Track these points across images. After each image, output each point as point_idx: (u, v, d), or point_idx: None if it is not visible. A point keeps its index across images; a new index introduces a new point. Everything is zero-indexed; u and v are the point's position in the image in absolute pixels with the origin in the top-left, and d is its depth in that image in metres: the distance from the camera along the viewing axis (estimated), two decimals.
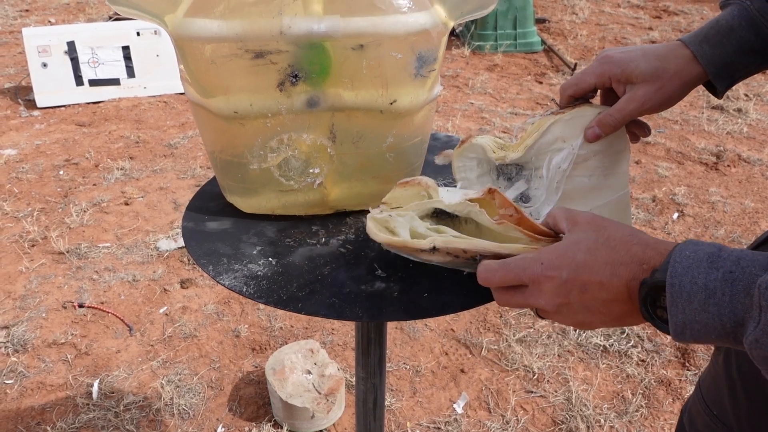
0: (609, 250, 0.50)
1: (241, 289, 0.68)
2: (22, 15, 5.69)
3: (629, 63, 0.66)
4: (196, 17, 0.69)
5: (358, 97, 0.74)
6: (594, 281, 0.49)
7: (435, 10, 0.74)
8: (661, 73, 0.65)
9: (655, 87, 0.65)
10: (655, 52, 0.66)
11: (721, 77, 0.66)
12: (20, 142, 3.24)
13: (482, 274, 0.55)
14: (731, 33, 0.63)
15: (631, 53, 0.67)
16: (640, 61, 0.66)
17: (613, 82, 0.69)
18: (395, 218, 0.63)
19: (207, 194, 0.89)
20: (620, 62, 0.67)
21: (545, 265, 0.51)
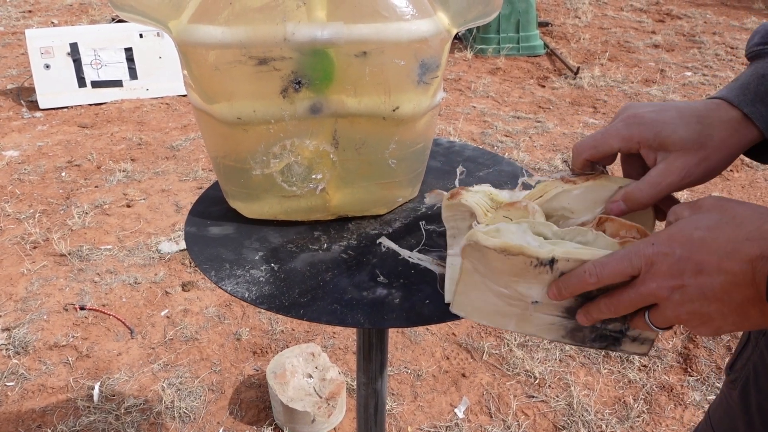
0: (734, 227, 0.43)
1: (243, 294, 0.68)
2: (25, 16, 5.70)
3: (664, 126, 0.54)
4: (200, 23, 0.69)
5: (361, 103, 0.74)
6: (710, 261, 0.43)
7: (438, 17, 0.74)
8: (706, 140, 0.53)
9: (697, 158, 0.54)
10: (695, 112, 0.55)
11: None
12: (22, 144, 3.24)
13: (592, 270, 0.48)
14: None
15: (665, 113, 0.55)
16: (677, 125, 0.54)
17: (642, 148, 0.56)
18: (508, 227, 0.53)
19: (209, 199, 0.89)
20: (653, 125, 0.55)
21: (657, 244, 0.45)
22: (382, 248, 0.77)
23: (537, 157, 3.14)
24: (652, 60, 4.69)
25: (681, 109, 0.55)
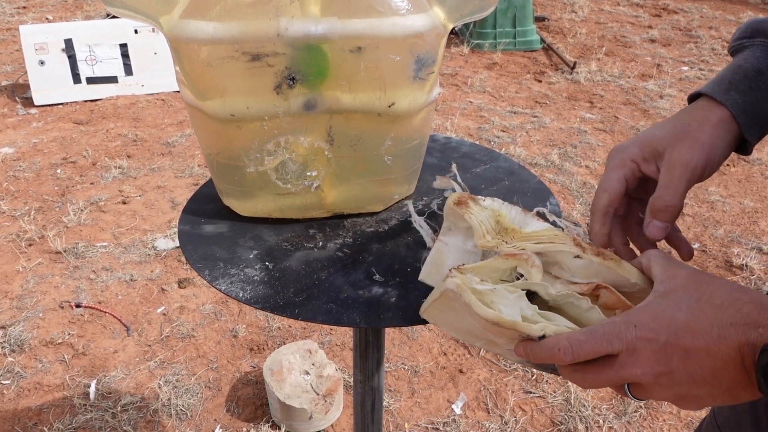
0: (714, 310, 0.43)
1: (237, 294, 0.67)
2: (20, 12, 5.66)
3: (645, 136, 0.57)
4: (191, 19, 0.68)
5: (356, 99, 0.73)
6: (699, 346, 0.42)
7: (434, 12, 0.73)
8: (686, 127, 0.56)
9: (687, 143, 0.55)
10: (676, 115, 0.58)
11: (752, 128, 0.56)
12: (17, 141, 3.23)
13: (567, 348, 0.46)
14: (759, 77, 0.55)
15: (642, 133, 0.59)
16: (656, 130, 0.57)
17: (641, 166, 0.57)
18: (505, 294, 0.51)
19: (203, 197, 0.88)
20: (636, 143, 0.58)
21: (639, 327, 0.44)
22: (375, 247, 0.76)
23: (534, 152, 3.13)
24: (648, 55, 4.68)
25: (655, 124, 0.59)
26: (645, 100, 3.85)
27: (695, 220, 2.57)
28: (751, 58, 0.56)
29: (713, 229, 2.50)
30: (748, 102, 0.55)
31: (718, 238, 2.44)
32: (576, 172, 2.96)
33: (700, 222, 2.55)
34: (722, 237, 2.45)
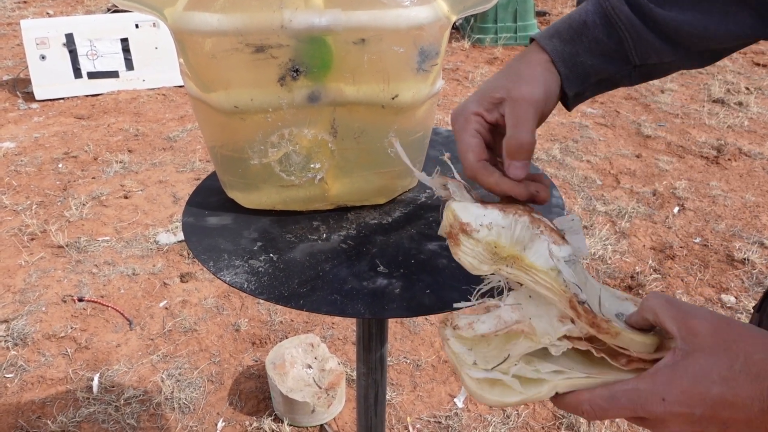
0: (753, 381, 0.39)
1: (242, 285, 0.67)
2: (20, 6, 5.66)
3: (481, 92, 0.58)
4: (195, 10, 0.68)
5: (360, 91, 0.73)
6: (739, 419, 0.39)
7: (437, 3, 0.73)
8: (517, 71, 0.57)
9: (523, 82, 0.55)
10: (510, 64, 0.59)
11: (570, 79, 0.57)
12: (19, 135, 3.23)
13: (590, 412, 0.45)
14: (583, 29, 0.56)
15: (477, 90, 0.59)
16: (489, 83, 0.58)
17: (485, 117, 0.57)
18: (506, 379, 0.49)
19: (207, 189, 0.88)
20: (472, 100, 0.58)
21: (669, 402, 0.41)
22: (379, 239, 0.76)
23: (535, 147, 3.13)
24: None
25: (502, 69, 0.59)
26: (646, 95, 3.84)
27: (696, 214, 2.57)
28: (582, 11, 0.57)
29: (715, 223, 2.51)
30: (567, 51, 0.56)
31: (720, 233, 2.44)
32: (577, 166, 2.96)
33: (702, 216, 2.55)
34: (724, 231, 2.45)
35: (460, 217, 0.54)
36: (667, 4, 0.53)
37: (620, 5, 0.54)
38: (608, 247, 2.32)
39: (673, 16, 0.53)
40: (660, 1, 0.53)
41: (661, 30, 0.54)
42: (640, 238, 2.41)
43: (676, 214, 2.57)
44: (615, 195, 2.71)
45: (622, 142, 3.23)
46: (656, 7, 0.53)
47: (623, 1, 0.54)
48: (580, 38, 0.56)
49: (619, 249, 2.33)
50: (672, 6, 0.53)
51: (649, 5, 0.53)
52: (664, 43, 0.55)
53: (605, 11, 0.55)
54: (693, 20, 0.53)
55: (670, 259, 2.27)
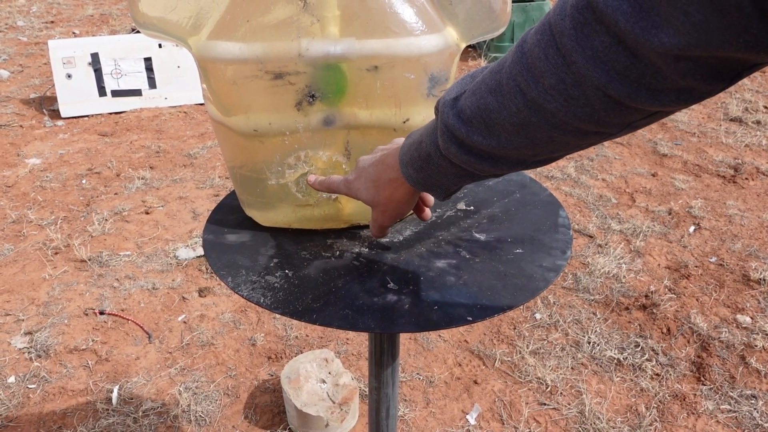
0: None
1: (258, 300, 0.71)
2: (48, 26, 5.82)
3: (357, 192, 0.73)
4: (218, 40, 0.72)
5: (373, 116, 0.76)
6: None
7: (447, 32, 0.77)
8: (377, 199, 0.71)
9: (378, 211, 0.72)
10: (373, 176, 0.71)
11: (435, 194, 0.68)
12: (44, 152, 3.32)
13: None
14: (429, 161, 0.62)
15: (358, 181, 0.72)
16: (361, 190, 0.72)
17: None
18: None
19: (226, 207, 0.92)
20: (352, 190, 0.73)
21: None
22: (391, 255, 0.79)
23: (550, 166, 3.15)
24: None
25: (367, 175, 0.71)
26: None
27: (713, 233, 2.56)
28: (428, 138, 0.62)
29: (731, 242, 2.50)
30: (421, 177, 0.65)
31: (736, 252, 2.43)
32: (592, 185, 2.97)
33: (718, 236, 2.55)
34: (740, 251, 2.44)
35: None
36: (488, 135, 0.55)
37: (449, 147, 0.58)
38: (623, 266, 2.33)
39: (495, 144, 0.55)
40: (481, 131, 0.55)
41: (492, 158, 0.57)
42: (655, 257, 2.41)
43: (692, 234, 2.57)
44: (630, 213, 2.71)
45: (638, 161, 3.23)
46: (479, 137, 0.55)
47: (451, 143, 0.57)
48: (429, 167, 0.63)
49: (633, 268, 2.33)
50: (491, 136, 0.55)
51: (474, 139, 0.55)
52: (499, 166, 0.57)
53: (441, 149, 0.60)
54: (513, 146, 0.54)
55: (685, 278, 2.27)
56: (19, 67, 4.68)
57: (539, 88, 0.47)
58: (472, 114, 0.55)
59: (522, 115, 0.50)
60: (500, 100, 0.51)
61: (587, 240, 2.52)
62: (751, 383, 1.81)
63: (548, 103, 0.48)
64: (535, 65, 0.47)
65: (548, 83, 0.47)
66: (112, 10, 6.39)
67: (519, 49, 0.50)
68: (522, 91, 0.49)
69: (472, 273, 0.76)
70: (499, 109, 0.52)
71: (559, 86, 0.46)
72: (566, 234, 0.84)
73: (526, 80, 0.48)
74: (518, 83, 0.49)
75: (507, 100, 0.51)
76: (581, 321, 2.06)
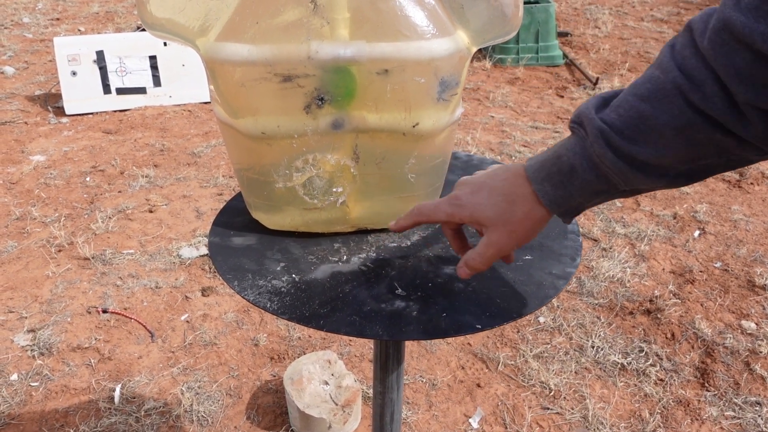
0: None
1: (265, 304, 0.70)
2: (53, 23, 5.82)
3: (476, 208, 0.64)
4: (227, 41, 0.72)
5: (382, 119, 0.76)
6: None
7: (458, 35, 0.76)
8: (510, 216, 0.63)
9: (506, 231, 0.63)
10: (502, 191, 0.64)
11: (565, 215, 0.64)
12: (49, 149, 3.32)
13: None
14: (573, 174, 0.59)
15: (478, 195, 0.65)
16: (486, 206, 0.64)
17: (464, 223, 0.68)
18: None
19: (232, 210, 0.91)
20: (468, 207, 0.65)
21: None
22: (399, 261, 0.78)
23: None
24: None
25: (492, 188, 0.64)
26: None
27: (717, 238, 2.55)
28: (569, 152, 0.59)
29: (736, 248, 2.48)
30: (559, 195, 0.61)
31: (741, 258, 2.42)
32: None
33: (723, 241, 2.54)
34: (745, 256, 2.43)
35: None
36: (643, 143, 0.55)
37: (605, 152, 0.56)
38: (627, 270, 2.32)
39: (651, 152, 0.55)
40: (635, 140, 0.55)
41: (645, 167, 0.56)
42: (659, 261, 2.40)
43: (697, 238, 2.56)
44: (635, 218, 2.70)
45: None
46: (633, 146, 0.55)
47: (606, 148, 0.56)
48: (571, 182, 0.60)
49: (638, 272, 2.32)
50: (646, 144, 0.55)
51: (629, 147, 0.55)
52: (650, 177, 0.57)
53: (591, 157, 0.58)
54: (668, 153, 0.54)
55: (690, 283, 2.26)
56: (25, 64, 4.68)
57: (700, 94, 0.50)
58: (624, 125, 0.55)
59: (685, 117, 0.51)
60: (658, 105, 0.53)
61: (591, 243, 2.51)
62: (756, 390, 1.80)
63: (710, 110, 0.50)
64: (692, 75, 0.50)
65: (709, 91, 0.49)
66: (117, 8, 6.39)
67: (671, 59, 0.52)
68: (684, 94, 0.51)
69: (480, 280, 0.75)
70: (657, 116, 0.53)
71: (719, 94, 0.49)
72: (575, 240, 0.84)
73: (689, 87, 0.50)
74: (679, 88, 0.51)
75: (667, 105, 0.52)
76: (585, 325, 2.06)
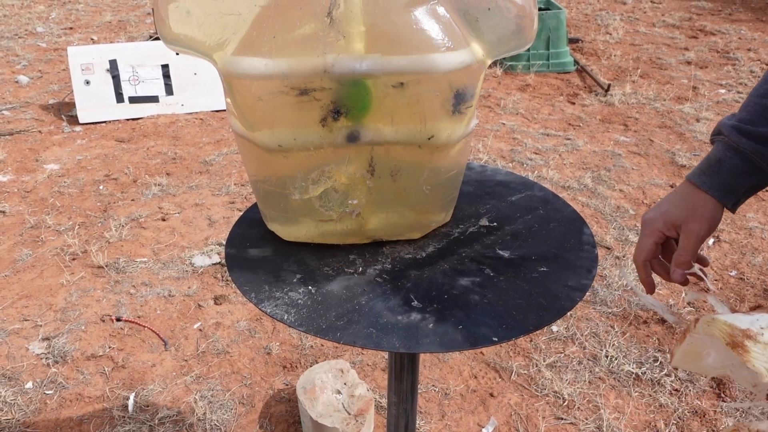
0: None
1: (282, 317, 0.70)
2: (66, 33, 5.89)
3: (668, 215, 0.79)
4: (244, 55, 0.72)
5: (397, 132, 0.76)
6: None
7: (473, 48, 0.76)
8: (693, 207, 0.77)
9: (696, 218, 0.77)
10: (675, 196, 0.80)
11: (726, 197, 0.77)
12: (62, 157, 3.35)
13: None
14: (720, 163, 0.76)
15: (662, 207, 0.80)
16: (672, 209, 0.79)
17: (665, 234, 0.80)
18: None
19: (248, 221, 0.92)
20: (661, 218, 0.79)
21: None
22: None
23: (567, 175, 3.13)
24: (684, 77, 4.64)
25: (670, 199, 0.80)
26: (681, 123, 3.81)
27: (733, 247, 2.53)
28: (715, 152, 0.78)
29: (751, 256, 2.46)
30: (714, 180, 0.77)
31: (757, 266, 2.40)
32: (610, 195, 2.94)
33: (738, 249, 2.51)
34: (761, 265, 2.40)
35: (737, 326, 0.60)
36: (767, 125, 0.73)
37: (739, 139, 0.75)
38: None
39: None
40: (762, 124, 0.74)
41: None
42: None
43: (711, 246, 2.54)
44: None
45: (656, 171, 3.20)
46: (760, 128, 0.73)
47: (740, 136, 0.75)
48: (721, 169, 0.76)
49: None
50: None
51: (756, 129, 0.74)
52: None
53: (732, 147, 0.76)
54: None
55: (705, 291, 2.24)
56: (39, 73, 4.74)
57: None
58: (751, 116, 0.75)
59: None
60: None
61: (605, 252, 2.49)
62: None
63: None
64: None
65: None
66: (129, 17, 6.45)
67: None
68: None
69: (496, 291, 0.75)
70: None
71: None
72: (591, 252, 0.83)
73: None
74: None
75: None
76: (599, 334, 2.04)
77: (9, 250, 2.50)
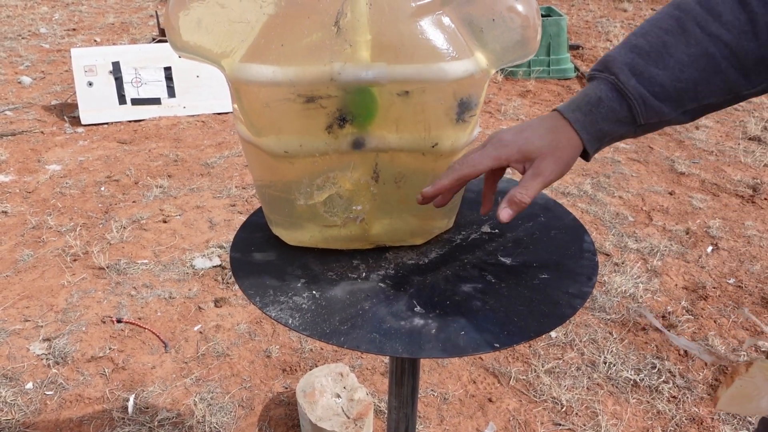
0: None
1: (286, 321, 0.71)
2: (70, 34, 5.91)
3: (525, 143, 0.70)
4: (252, 62, 0.74)
5: (402, 139, 0.77)
6: None
7: (477, 57, 0.77)
8: (557, 143, 0.69)
9: (554, 158, 0.69)
10: (545, 125, 0.71)
11: (592, 143, 0.70)
12: (64, 158, 3.36)
13: None
14: (600, 103, 0.68)
15: (523, 133, 0.71)
16: (534, 138, 0.70)
17: (510, 163, 0.71)
18: None
19: (252, 226, 0.93)
20: (515, 144, 0.70)
21: None
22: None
23: (566, 182, 3.14)
24: None
25: (534, 127, 0.71)
26: (680, 131, 3.83)
27: (731, 254, 2.54)
28: (596, 88, 0.69)
29: (749, 264, 2.47)
30: (587, 121, 0.69)
31: (755, 274, 2.41)
32: (609, 202, 2.95)
33: (736, 257, 2.53)
34: (759, 273, 2.42)
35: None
36: (666, 66, 0.65)
37: (628, 80, 0.66)
38: (639, 286, 2.31)
39: (673, 75, 0.65)
40: (660, 63, 0.65)
41: (663, 93, 0.66)
42: (672, 277, 2.39)
43: (710, 254, 2.55)
44: (647, 232, 2.70)
45: (655, 179, 3.22)
46: (657, 69, 0.65)
47: (630, 76, 0.66)
48: (598, 109, 0.68)
49: (650, 287, 2.32)
50: (669, 67, 0.65)
51: (650, 70, 0.65)
52: (664, 105, 0.67)
53: (616, 87, 0.67)
54: (689, 78, 0.65)
55: (703, 299, 2.25)
56: (41, 74, 4.75)
57: (718, 23, 0.62)
58: (651, 48, 0.66)
59: (701, 46, 0.63)
60: (679, 37, 0.64)
61: (604, 258, 2.50)
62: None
63: (725, 35, 0.61)
64: (714, 8, 0.62)
65: (726, 20, 0.61)
66: (132, 19, 6.47)
67: None
68: (701, 26, 0.63)
69: (498, 298, 0.76)
70: (677, 44, 0.64)
71: (734, 22, 0.61)
72: (592, 260, 0.84)
73: (706, 19, 0.62)
74: (698, 21, 0.63)
75: (686, 36, 0.64)
76: (597, 340, 2.05)
77: (10, 251, 2.51)
